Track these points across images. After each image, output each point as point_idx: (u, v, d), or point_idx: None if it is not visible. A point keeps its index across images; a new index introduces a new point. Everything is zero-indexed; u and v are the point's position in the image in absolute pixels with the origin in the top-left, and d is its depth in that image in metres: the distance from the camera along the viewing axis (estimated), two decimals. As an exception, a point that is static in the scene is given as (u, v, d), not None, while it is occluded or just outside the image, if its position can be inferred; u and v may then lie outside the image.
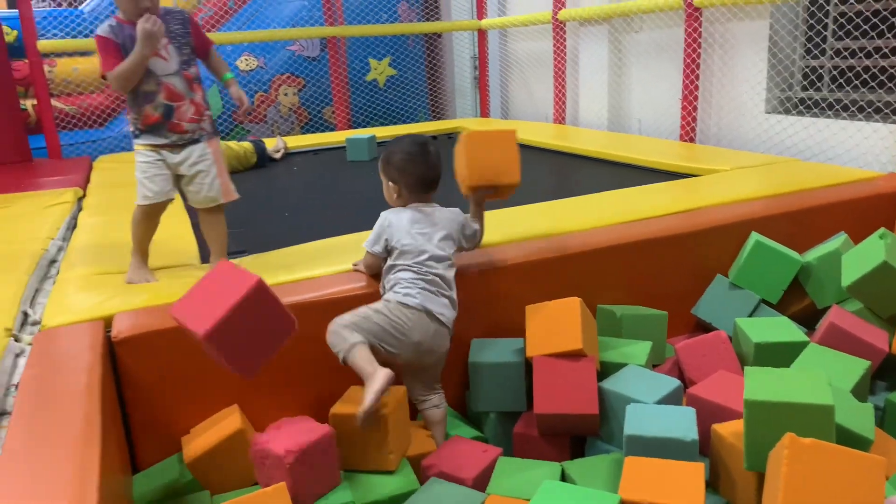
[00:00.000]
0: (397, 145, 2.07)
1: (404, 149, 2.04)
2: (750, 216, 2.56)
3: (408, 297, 1.89)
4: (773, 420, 1.43)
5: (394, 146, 2.07)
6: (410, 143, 2.06)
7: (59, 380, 1.50)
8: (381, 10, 6.58)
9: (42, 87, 5.17)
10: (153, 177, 2.12)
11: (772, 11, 3.66)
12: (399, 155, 2.03)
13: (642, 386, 1.85)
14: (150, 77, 2.07)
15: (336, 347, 1.81)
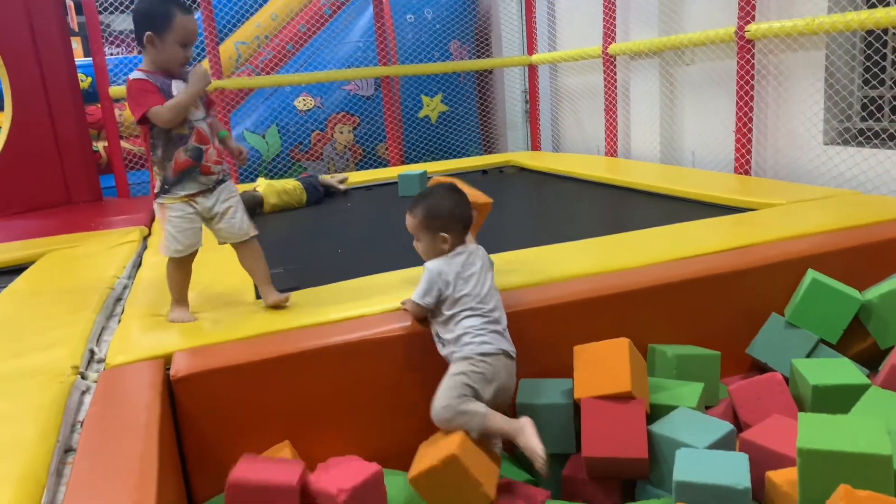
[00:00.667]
0: (435, 198, 2.05)
1: (448, 196, 2.05)
2: (807, 252, 2.49)
3: (485, 345, 1.90)
4: (827, 470, 1.39)
5: (430, 200, 2.05)
6: (448, 191, 2.08)
7: (120, 417, 1.57)
8: (433, 49, 6.73)
9: (113, 130, 5.46)
10: (185, 230, 2.18)
11: (827, 42, 3.59)
12: (446, 203, 2.03)
13: (693, 430, 1.81)
14: (183, 122, 2.14)
15: (468, 426, 1.81)
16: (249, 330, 2.04)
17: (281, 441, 1.94)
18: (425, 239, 2.04)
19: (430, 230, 2.02)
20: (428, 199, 2.06)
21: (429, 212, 2.02)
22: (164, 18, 2.05)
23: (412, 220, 2.06)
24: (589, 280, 2.34)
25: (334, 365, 1.96)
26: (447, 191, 2.09)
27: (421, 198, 2.08)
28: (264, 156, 6.39)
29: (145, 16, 2.07)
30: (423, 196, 2.09)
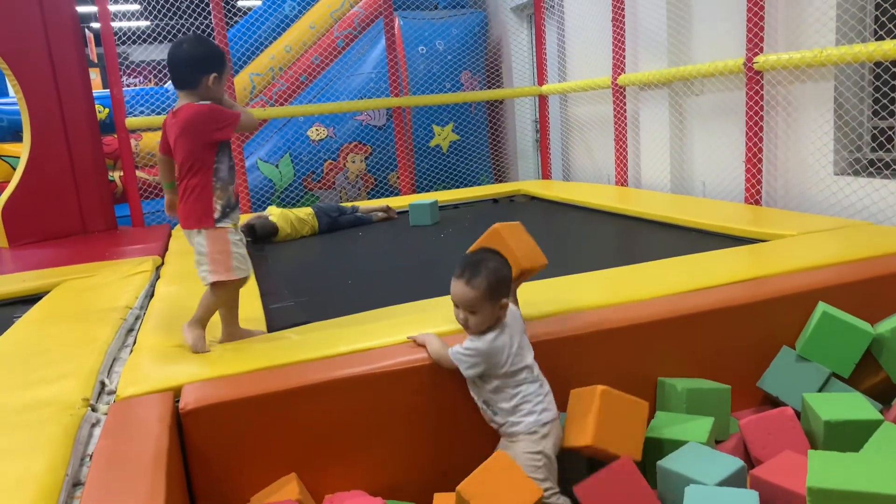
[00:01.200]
0: (494, 263, 1.89)
1: (502, 260, 1.94)
2: (818, 285, 2.47)
3: (545, 413, 1.90)
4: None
5: (490, 267, 1.87)
6: (496, 253, 1.97)
7: (128, 451, 1.58)
8: (444, 79, 6.81)
9: (129, 160, 5.55)
10: (244, 254, 2.24)
11: (836, 73, 3.61)
12: (505, 268, 1.92)
13: (703, 466, 1.80)
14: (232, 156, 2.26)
15: None
16: (259, 362, 2.05)
17: (285, 473, 1.94)
18: (485, 310, 1.86)
19: (494, 300, 1.87)
20: (488, 267, 1.87)
21: (495, 280, 1.86)
22: (222, 61, 2.18)
23: (473, 293, 1.84)
24: (598, 312, 2.34)
25: (342, 398, 1.96)
26: (496, 253, 1.96)
27: (476, 265, 1.88)
28: (277, 185, 6.46)
29: (207, 57, 2.15)
30: (478, 263, 1.89)
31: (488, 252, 1.97)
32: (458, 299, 1.88)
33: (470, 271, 1.87)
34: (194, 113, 2.14)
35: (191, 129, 2.13)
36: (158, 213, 6.15)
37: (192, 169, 2.15)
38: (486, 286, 1.84)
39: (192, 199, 2.17)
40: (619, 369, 2.25)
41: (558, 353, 2.18)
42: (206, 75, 2.14)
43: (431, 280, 3.22)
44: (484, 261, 1.89)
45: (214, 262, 2.17)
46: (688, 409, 2.15)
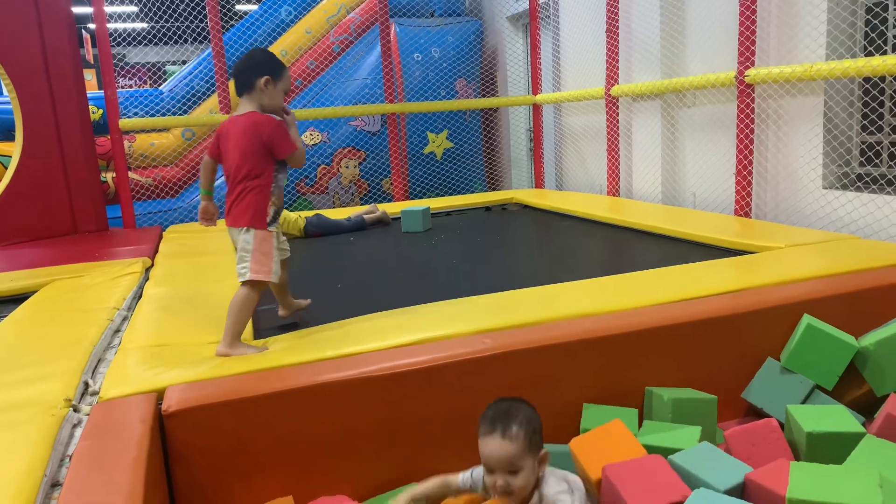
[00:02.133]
0: (523, 408, 1.73)
1: (530, 407, 1.77)
2: (804, 297, 2.49)
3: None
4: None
5: (522, 412, 1.70)
6: (521, 402, 1.78)
7: (108, 452, 1.57)
8: (439, 87, 6.83)
9: (121, 162, 5.54)
10: (278, 259, 2.34)
11: (825, 88, 3.64)
12: (536, 414, 1.76)
13: (715, 468, 1.80)
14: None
15: None
16: (244, 366, 2.05)
17: (276, 482, 1.93)
18: (530, 462, 1.66)
19: (536, 448, 1.68)
20: (519, 413, 1.69)
21: (531, 429, 1.68)
22: (280, 68, 2.31)
23: (514, 446, 1.63)
24: (586, 321, 2.34)
25: (329, 402, 1.95)
26: (519, 399, 1.79)
27: (506, 415, 1.68)
28: (270, 189, 6.45)
29: (264, 63, 2.28)
30: (508, 413, 1.69)
31: (511, 399, 1.76)
32: (496, 460, 1.64)
33: (503, 423, 1.65)
34: (264, 120, 2.27)
35: (257, 133, 2.24)
36: (150, 215, 6.15)
37: (252, 171, 2.26)
38: (524, 433, 1.64)
39: (248, 199, 2.25)
40: (606, 378, 2.26)
41: (545, 361, 2.18)
42: (260, 77, 2.26)
43: (421, 286, 3.23)
44: (512, 408, 1.70)
45: (258, 261, 2.25)
46: (674, 418, 2.16)
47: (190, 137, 6.61)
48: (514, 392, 2.11)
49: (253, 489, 1.91)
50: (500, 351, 2.13)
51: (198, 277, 3.37)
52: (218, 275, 3.38)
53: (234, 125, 2.29)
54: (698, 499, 1.63)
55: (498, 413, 1.68)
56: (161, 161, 6.49)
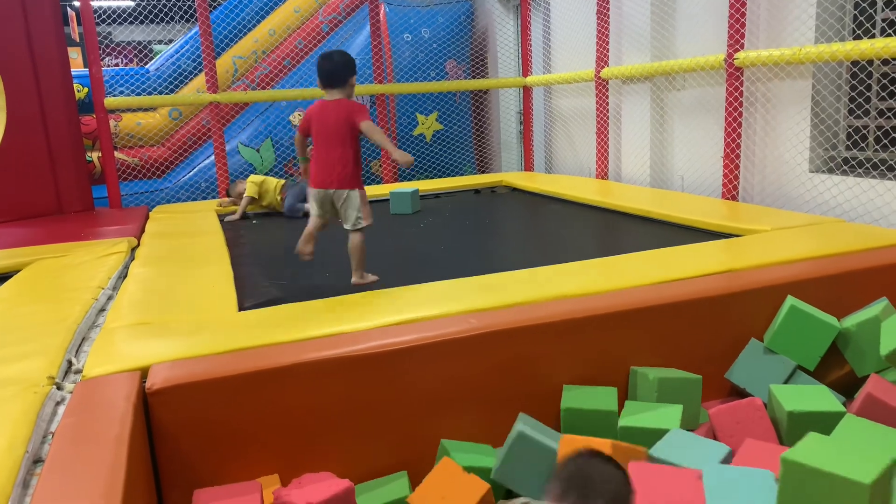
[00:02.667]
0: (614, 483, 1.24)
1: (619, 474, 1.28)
2: (788, 279, 2.50)
3: None
4: (806, 485, 1.40)
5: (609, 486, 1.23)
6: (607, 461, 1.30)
7: (91, 429, 1.57)
8: (429, 68, 6.78)
9: (107, 141, 5.48)
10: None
11: (813, 71, 3.64)
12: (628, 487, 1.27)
13: (694, 453, 1.82)
14: None
15: None
16: (229, 344, 2.04)
17: (260, 459, 1.93)
18: None
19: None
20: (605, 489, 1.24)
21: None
22: (355, 68, 2.88)
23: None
24: (574, 301, 2.35)
25: (314, 381, 1.95)
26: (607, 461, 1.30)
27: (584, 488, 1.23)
28: (258, 169, 6.41)
29: (350, 64, 2.84)
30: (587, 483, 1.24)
31: (594, 459, 1.31)
32: None
33: (578, 495, 1.23)
34: (360, 106, 2.81)
35: (356, 114, 2.76)
36: (136, 196, 6.10)
37: (349, 144, 2.78)
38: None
39: (350, 167, 2.78)
40: (591, 358, 2.27)
41: (531, 341, 2.19)
42: (352, 76, 2.85)
43: (409, 267, 3.23)
44: (593, 478, 1.26)
45: (365, 211, 2.83)
46: (659, 398, 2.17)
47: (177, 117, 6.54)
48: (500, 372, 2.13)
49: (238, 467, 1.91)
50: (486, 331, 2.13)
51: (184, 257, 3.35)
52: (204, 255, 3.37)
53: (333, 109, 2.79)
54: (711, 475, 1.64)
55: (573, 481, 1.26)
56: (148, 141, 6.43)
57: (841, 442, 1.51)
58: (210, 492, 1.73)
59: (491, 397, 2.14)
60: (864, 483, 1.34)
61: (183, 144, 6.51)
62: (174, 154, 6.46)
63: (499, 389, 2.14)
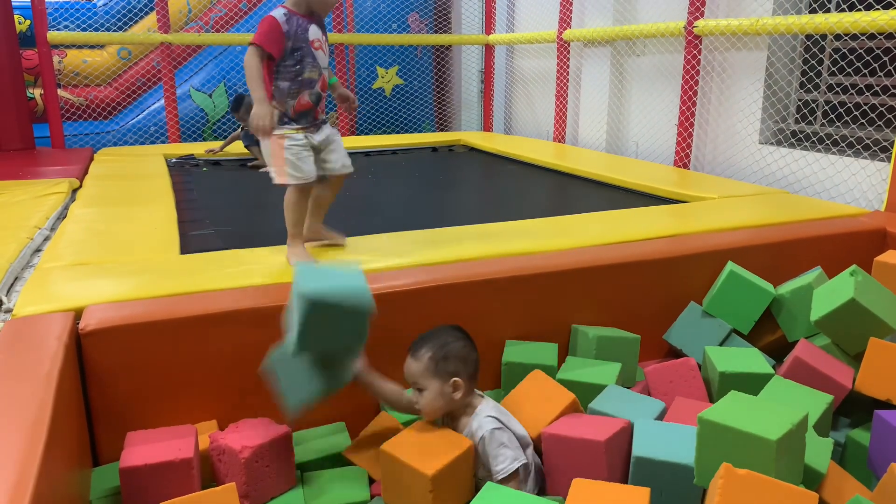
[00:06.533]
0: (444, 336, 1.78)
1: (457, 336, 1.80)
2: (729, 245, 2.56)
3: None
4: (720, 442, 1.44)
5: (439, 339, 1.77)
6: (455, 330, 1.83)
7: (19, 367, 1.52)
8: (390, 20, 6.64)
9: (50, 78, 5.24)
10: (304, 158, 2.24)
11: (769, 43, 3.68)
12: (457, 343, 1.78)
13: (632, 407, 1.87)
14: (314, 66, 2.23)
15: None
16: (167, 288, 2.00)
17: (194, 403, 1.91)
18: (436, 385, 1.74)
19: (439, 375, 1.73)
20: (437, 338, 1.78)
21: (437, 355, 1.76)
22: None
23: (416, 366, 1.76)
24: (519, 258, 2.37)
25: (252, 328, 1.92)
26: (456, 330, 1.84)
27: (423, 338, 1.80)
28: (210, 115, 6.23)
29: None
30: (426, 336, 1.80)
31: (447, 328, 1.83)
32: (406, 375, 1.79)
33: (416, 343, 1.79)
34: (266, 18, 2.18)
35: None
36: (81, 137, 5.87)
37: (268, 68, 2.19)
38: (428, 358, 1.74)
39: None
40: (535, 315, 2.30)
41: (477, 295, 2.20)
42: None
43: (359, 220, 3.19)
44: (435, 334, 1.79)
45: (270, 165, 2.26)
46: (597, 355, 2.22)
47: (126, 57, 6.28)
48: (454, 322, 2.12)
49: (175, 412, 1.89)
50: (430, 284, 2.14)
51: (127, 200, 3.25)
52: (148, 198, 3.28)
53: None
54: (642, 429, 1.69)
55: (421, 336, 1.79)
56: (94, 80, 6.16)
57: (758, 401, 1.56)
58: (143, 434, 1.71)
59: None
60: (771, 440, 1.40)
61: (132, 86, 6.27)
62: (122, 95, 6.22)
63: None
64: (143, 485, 1.58)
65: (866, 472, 1.86)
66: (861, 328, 2.06)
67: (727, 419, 1.47)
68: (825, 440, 1.76)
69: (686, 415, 1.85)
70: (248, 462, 1.63)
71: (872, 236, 2.74)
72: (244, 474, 1.63)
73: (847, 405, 2.07)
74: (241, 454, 1.62)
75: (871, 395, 1.95)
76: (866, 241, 2.73)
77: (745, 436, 1.41)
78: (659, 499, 1.58)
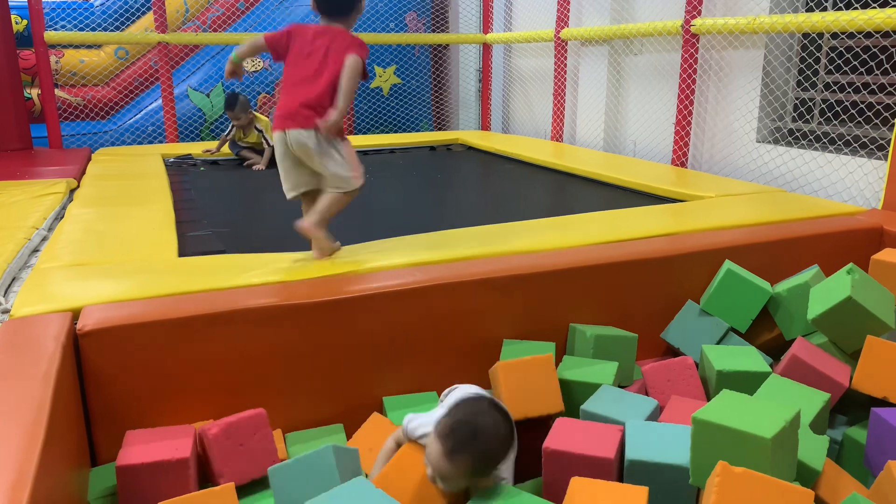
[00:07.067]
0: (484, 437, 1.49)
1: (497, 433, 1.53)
2: (727, 244, 2.57)
3: None
4: (715, 441, 1.45)
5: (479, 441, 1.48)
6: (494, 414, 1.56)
7: (16, 367, 1.53)
8: (388, 19, 6.64)
9: (47, 78, 5.23)
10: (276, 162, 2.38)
11: (766, 42, 3.69)
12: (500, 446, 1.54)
13: (624, 407, 1.87)
14: None
15: None
16: (166, 288, 2.00)
17: (192, 404, 1.91)
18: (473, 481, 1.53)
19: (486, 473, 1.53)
20: (482, 444, 1.48)
21: (489, 459, 1.51)
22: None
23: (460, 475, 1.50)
24: (517, 258, 2.37)
25: (251, 329, 1.93)
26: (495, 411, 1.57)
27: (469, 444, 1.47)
28: (208, 115, 6.23)
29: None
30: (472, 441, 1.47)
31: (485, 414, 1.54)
32: (440, 474, 1.52)
33: (461, 452, 1.47)
34: (360, 42, 2.33)
35: (358, 48, 2.30)
36: (79, 137, 5.86)
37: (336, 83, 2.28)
38: (472, 469, 1.49)
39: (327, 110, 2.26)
40: (533, 314, 2.30)
41: (474, 295, 2.20)
42: (356, 8, 2.36)
43: (356, 223, 3.19)
44: (479, 438, 1.48)
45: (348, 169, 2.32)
46: (595, 354, 2.22)
47: (124, 56, 6.27)
48: (441, 326, 2.13)
49: (172, 412, 1.89)
50: (429, 284, 2.14)
51: (125, 200, 3.25)
52: (146, 199, 3.28)
53: (331, 35, 2.31)
54: (634, 429, 1.69)
55: (456, 432, 1.47)
56: (91, 80, 6.16)
57: (751, 400, 1.56)
58: (142, 433, 1.71)
59: (431, 350, 2.16)
60: (766, 437, 1.40)
61: (129, 85, 6.26)
62: (119, 95, 6.21)
63: (440, 343, 2.16)
64: (138, 484, 1.58)
65: (863, 469, 1.86)
66: (858, 326, 2.06)
67: (721, 418, 1.47)
68: (821, 438, 1.76)
69: (682, 413, 1.85)
70: (217, 439, 1.66)
71: (869, 234, 2.75)
72: (214, 451, 1.65)
73: (844, 403, 2.07)
74: (210, 431, 1.65)
75: (867, 392, 1.96)
76: (863, 240, 2.74)
77: (740, 434, 1.41)
78: (654, 500, 1.58)
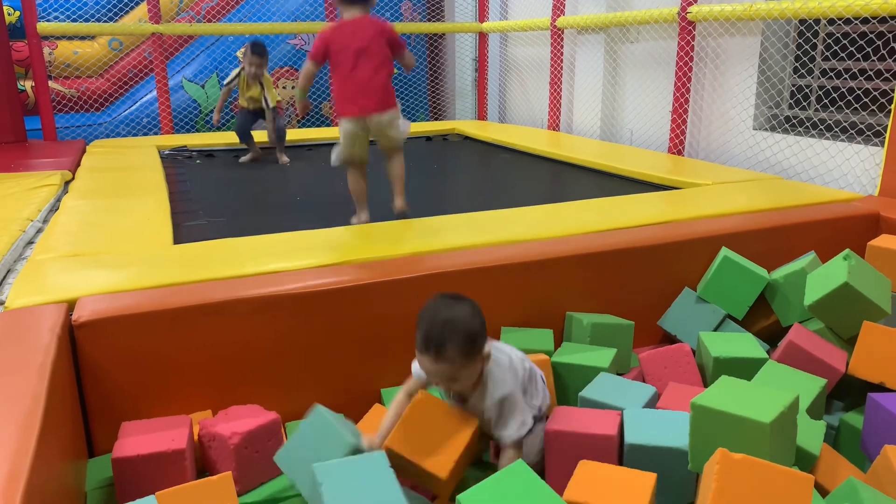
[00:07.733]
0: (452, 320, 1.56)
1: (460, 310, 1.60)
2: (723, 231, 2.56)
3: None
4: (714, 427, 1.45)
5: (452, 326, 1.55)
6: (450, 302, 1.63)
7: (11, 359, 1.52)
8: (383, 8, 6.60)
9: (40, 70, 5.20)
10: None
11: (763, 29, 3.67)
12: (471, 319, 1.59)
13: (622, 394, 1.87)
14: None
15: None
16: (161, 278, 2.00)
17: (188, 394, 1.91)
18: (469, 369, 1.60)
19: (475, 355, 1.60)
20: (454, 329, 1.55)
21: (468, 337, 1.57)
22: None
23: (449, 366, 1.56)
24: (514, 246, 2.37)
25: (245, 320, 1.92)
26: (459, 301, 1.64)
27: (441, 334, 1.54)
28: (203, 106, 6.20)
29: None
30: (443, 331, 1.54)
31: (448, 304, 1.61)
32: (433, 376, 1.61)
33: (436, 344, 1.54)
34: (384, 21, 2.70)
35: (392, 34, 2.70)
36: (73, 129, 5.84)
37: (391, 62, 2.72)
38: (458, 353, 1.55)
39: (390, 87, 2.72)
40: (530, 302, 2.30)
41: (471, 284, 2.19)
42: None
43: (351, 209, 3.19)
44: (448, 324, 1.55)
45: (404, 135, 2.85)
46: (592, 342, 2.22)
47: (118, 48, 6.24)
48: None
49: (169, 402, 1.89)
50: (426, 273, 2.13)
51: (120, 191, 3.23)
52: (141, 189, 3.26)
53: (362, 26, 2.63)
54: (631, 417, 1.70)
55: (432, 332, 1.55)
56: (85, 72, 6.13)
57: (749, 385, 1.57)
58: (138, 424, 1.71)
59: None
60: (765, 422, 1.40)
61: (123, 77, 6.23)
62: (114, 87, 6.18)
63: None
64: (135, 475, 1.58)
65: (860, 454, 1.87)
66: (854, 312, 2.06)
67: (720, 404, 1.48)
68: (818, 423, 1.77)
69: (680, 400, 1.86)
70: (238, 448, 1.64)
71: (866, 221, 2.75)
72: (234, 461, 1.63)
73: (841, 389, 2.08)
74: (231, 440, 1.63)
75: (864, 378, 1.96)
76: (860, 226, 2.73)
77: (739, 420, 1.41)
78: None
